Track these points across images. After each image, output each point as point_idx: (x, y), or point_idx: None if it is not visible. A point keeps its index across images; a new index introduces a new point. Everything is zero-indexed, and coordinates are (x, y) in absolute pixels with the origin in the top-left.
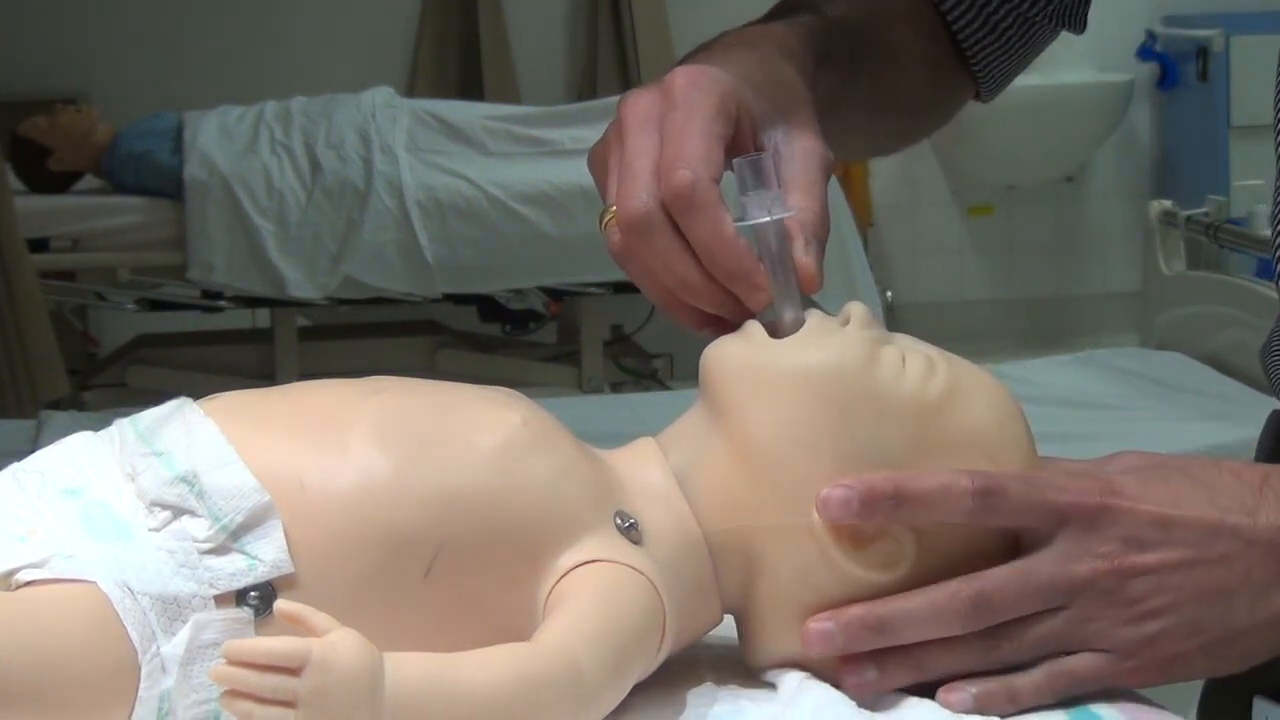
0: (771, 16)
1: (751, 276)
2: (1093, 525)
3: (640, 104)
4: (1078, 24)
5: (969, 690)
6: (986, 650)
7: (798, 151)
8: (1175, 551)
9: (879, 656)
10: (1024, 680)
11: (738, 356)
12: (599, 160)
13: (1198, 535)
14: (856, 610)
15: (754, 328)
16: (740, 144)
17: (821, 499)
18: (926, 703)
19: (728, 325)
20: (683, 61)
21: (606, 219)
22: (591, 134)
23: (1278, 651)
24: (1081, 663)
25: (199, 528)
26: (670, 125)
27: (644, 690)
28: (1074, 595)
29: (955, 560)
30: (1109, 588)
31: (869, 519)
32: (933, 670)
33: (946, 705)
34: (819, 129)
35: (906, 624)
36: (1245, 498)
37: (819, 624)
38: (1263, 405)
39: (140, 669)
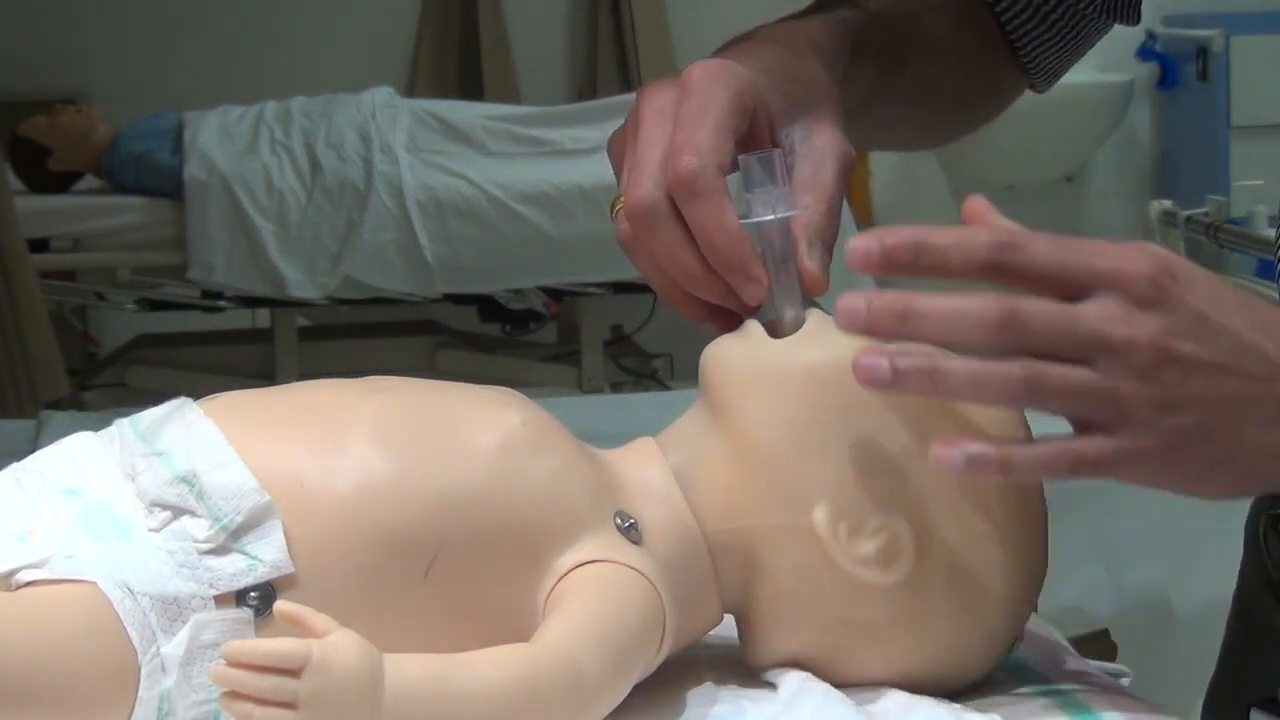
0: (811, 11)
1: (748, 268)
2: (1138, 298)
3: (657, 95)
4: (1130, 16)
5: (963, 449)
6: (1009, 383)
7: (815, 150)
8: (1209, 352)
9: (895, 355)
10: (1024, 451)
11: (737, 356)
12: (616, 149)
13: (1232, 345)
14: (889, 293)
15: (754, 327)
16: (757, 139)
17: (848, 250)
18: (927, 701)
19: (730, 318)
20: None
21: (616, 208)
22: (591, 134)
23: (1268, 490)
24: (1089, 445)
25: (199, 528)
26: (683, 116)
27: (644, 690)
28: (1106, 355)
29: (957, 565)
30: (1143, 363)
31: (888, 270)
32: (948, 383)
33: (938, 460)
34: (842, 126)
35: (931, 315)
36: (1278, 331)
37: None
38: None
39: (140, 669)
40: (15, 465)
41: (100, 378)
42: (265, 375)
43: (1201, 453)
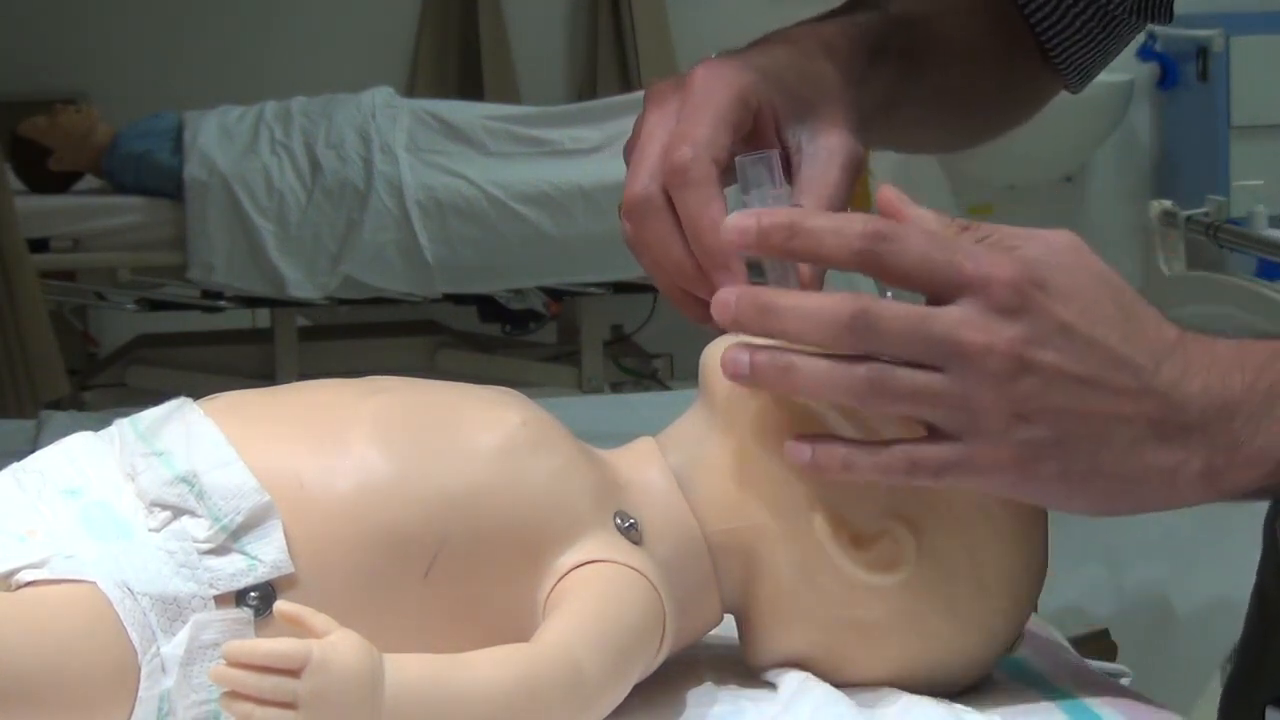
0: (829, 15)
1: (730, 264)
2: (1000, 304)
3: (660, 94)
4: (1163, 15)
5: (812, 445)
6: (854, 382)
7: (820, 150)
8: (1072, 364)
9: (754, 350)
10: (867, 453)
11: None
12: (629, 153)
13: (1100, 359)
14: (756, 288)
15: None
16: (761, 138)
17: (725, 227)
18: (926, 701)
19: None
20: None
21: (622, 209)
22: (591, 134)
23: (1130, 510)
24: (929, 451)
25: (199, 528)
26: (684, 112)
27: (644, 690)
28: (960, 363)
29: (957, 565)
30: (998, 371)
31: (763, 249)
32: (798, 379)
33: (789, 454)
34: (852, 127)
35: (786, 310)
36: (1156, 346)
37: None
38: None
39: (140, 669)
40: (15, 465)
41: (100, 378)
42: (265, 375)
43: (1055, 468)
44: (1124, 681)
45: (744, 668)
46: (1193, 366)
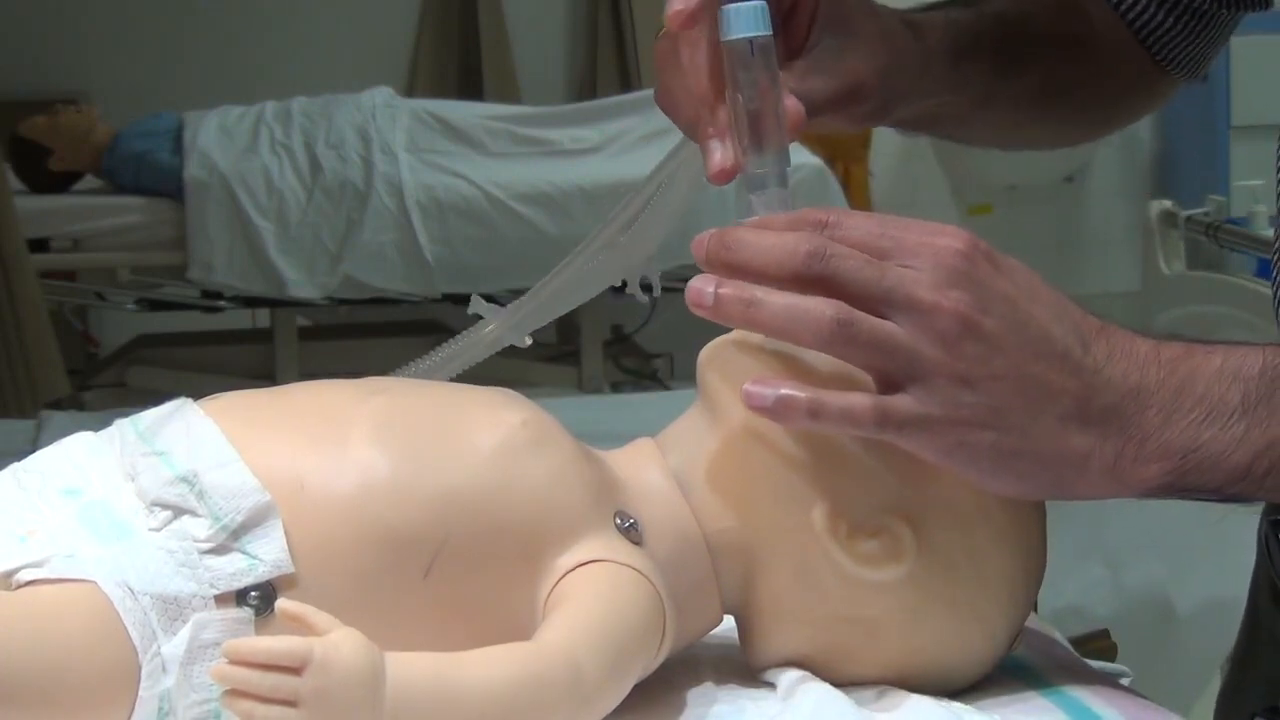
0: (929, 8)
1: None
2: (949, 269)
3: None
4: (1259, 2)
5: (777, 389)
6: (820, 323)
7: (838, 53)
8: (1014, 334)
9: (720, 281)
10: (835, 399)
11: (735, 356)
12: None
13: (1036, 335)
14: (726, 228)
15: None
16: (795, 18)
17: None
18: (926, 701)
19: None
20: None
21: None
22: (591, 134)
23: (1038, 495)
24: (899, 403)
25: (199, 527)
26: None
27: (644, 690)
28: (911, 314)
29: (957, 562)
30: (945, 330)
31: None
32: (761, 313)
33: (748, 398)
34: (875, 58)
35: (746, 242)
36: (1083, 329)
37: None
38: None
39: (140, 669)
40: (15, 465)
41: (100, 378)
42: (265, 375)
43: (990, 439)
44: (1124, 681)
45: (744, 668)
46: (1115, 353)
